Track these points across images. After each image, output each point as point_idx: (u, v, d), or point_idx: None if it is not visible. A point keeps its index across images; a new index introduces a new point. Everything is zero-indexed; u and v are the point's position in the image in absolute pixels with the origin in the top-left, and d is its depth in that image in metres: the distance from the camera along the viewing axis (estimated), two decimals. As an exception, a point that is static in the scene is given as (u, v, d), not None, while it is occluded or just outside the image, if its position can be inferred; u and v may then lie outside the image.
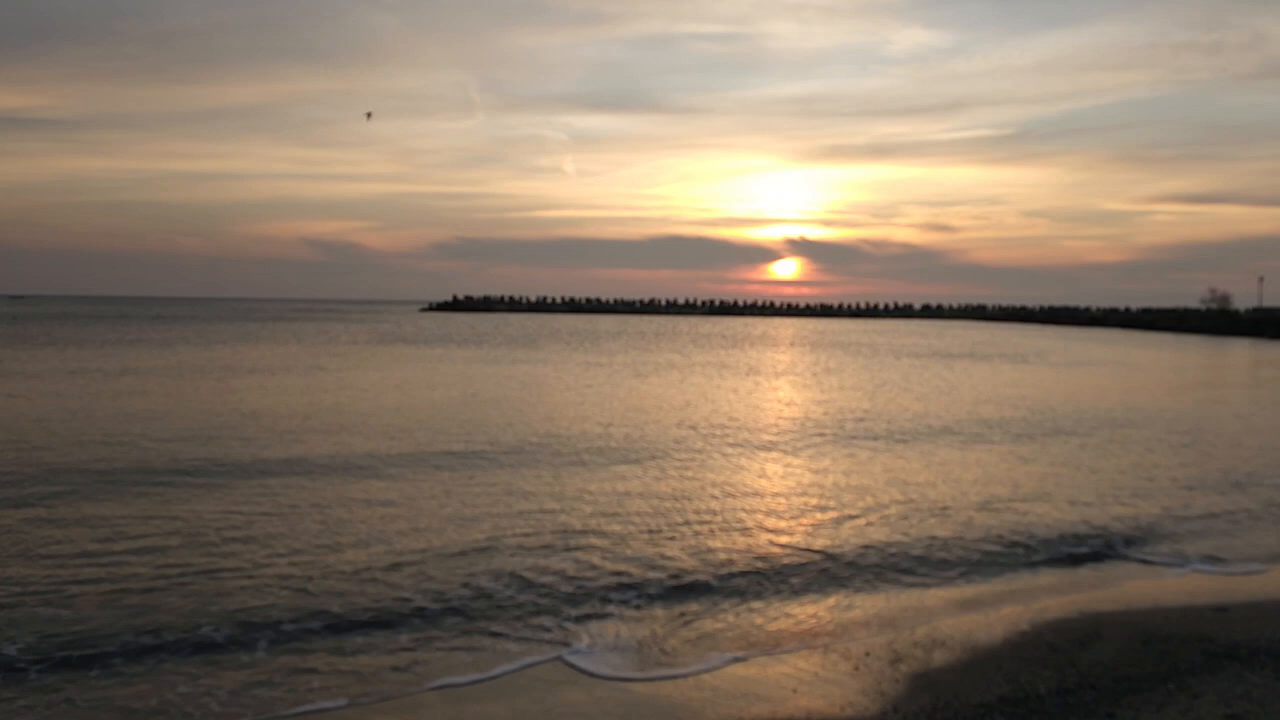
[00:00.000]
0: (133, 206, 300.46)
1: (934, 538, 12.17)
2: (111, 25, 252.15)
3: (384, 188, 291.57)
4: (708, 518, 13.13)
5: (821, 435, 21.43)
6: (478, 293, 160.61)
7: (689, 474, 16.38)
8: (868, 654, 8.13)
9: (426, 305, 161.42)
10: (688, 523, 12.79)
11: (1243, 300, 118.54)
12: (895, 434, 21.68)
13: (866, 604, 9.58)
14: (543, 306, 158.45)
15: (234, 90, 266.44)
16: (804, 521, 13.03)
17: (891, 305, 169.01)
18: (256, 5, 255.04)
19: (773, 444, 20.10)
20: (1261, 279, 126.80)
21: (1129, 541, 12.23)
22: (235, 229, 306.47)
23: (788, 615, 9.21)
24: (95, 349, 48.47)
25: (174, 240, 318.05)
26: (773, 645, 8.40)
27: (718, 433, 21.48)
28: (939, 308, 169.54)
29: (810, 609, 9.41)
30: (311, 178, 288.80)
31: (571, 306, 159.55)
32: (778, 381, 36.78)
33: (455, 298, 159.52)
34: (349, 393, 28.85)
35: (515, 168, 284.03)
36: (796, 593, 9.91)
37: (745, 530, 12.47)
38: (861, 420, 24.16)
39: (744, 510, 13.68)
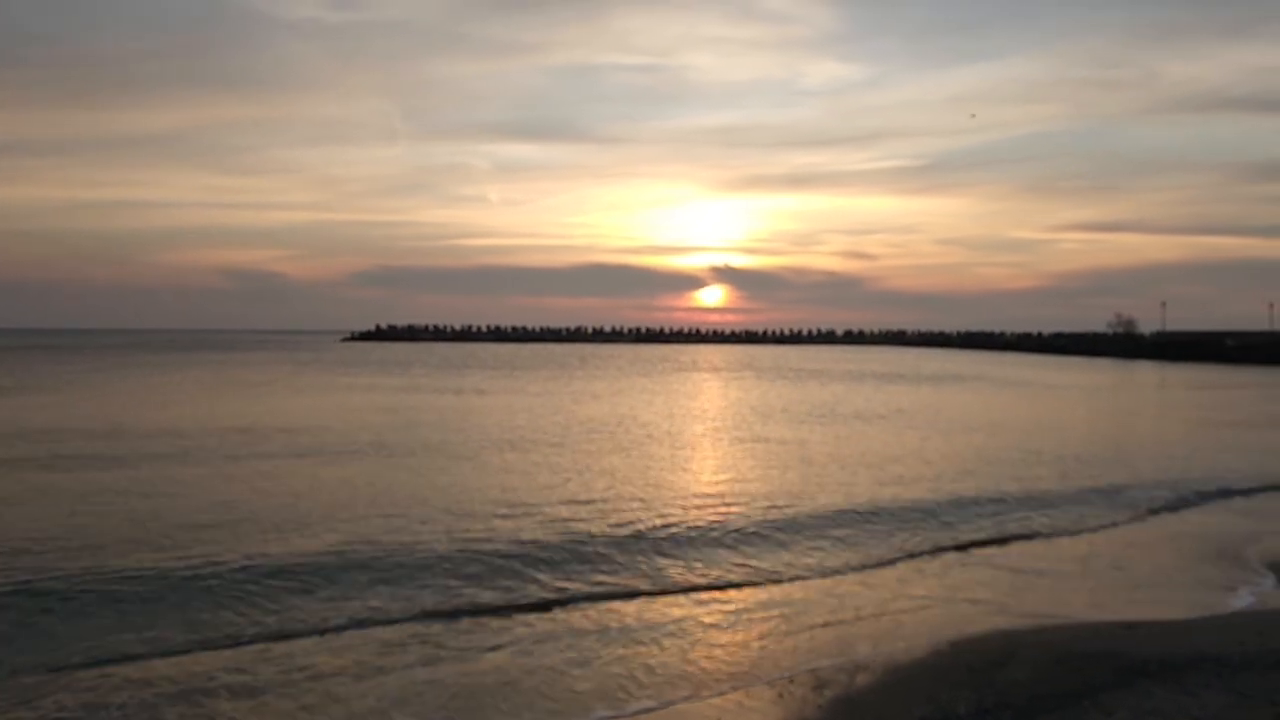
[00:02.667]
0: (44, 235, 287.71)
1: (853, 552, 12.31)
2: (22, 50, 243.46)
3: (304, 216, 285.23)
4: (638, 537, 13.03)
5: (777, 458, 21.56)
6: (401, 321, 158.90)
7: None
8: (791, 680, 8.14)
9: (348, 335, 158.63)
10: (614, 545, 12.67)
11: (1147, 325, 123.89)
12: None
13: (790, 629, 9.61)
14: (467, 335, 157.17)
15: (150, 117, 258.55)
16: (726, 550, 13.02)
17: (814, 331, 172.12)
18: (173, 31, 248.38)
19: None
20: (1164, 304, 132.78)
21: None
22: (150, 258, 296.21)
23: (712, 644, 9.18)
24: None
25: (86, 270, 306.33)
26: (699, 677, 8.36)
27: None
28: (860, 333, 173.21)
29: (734, 637, 9.41)
30: (229, 206, 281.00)
31: (497, 335, 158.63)
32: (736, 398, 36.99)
33: (378, 326, 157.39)
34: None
35: (438, 196, 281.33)
36: (722, 621, 9.89)
37: (668, 566, 12.42)
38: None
39: (665, 543, 13.61)
